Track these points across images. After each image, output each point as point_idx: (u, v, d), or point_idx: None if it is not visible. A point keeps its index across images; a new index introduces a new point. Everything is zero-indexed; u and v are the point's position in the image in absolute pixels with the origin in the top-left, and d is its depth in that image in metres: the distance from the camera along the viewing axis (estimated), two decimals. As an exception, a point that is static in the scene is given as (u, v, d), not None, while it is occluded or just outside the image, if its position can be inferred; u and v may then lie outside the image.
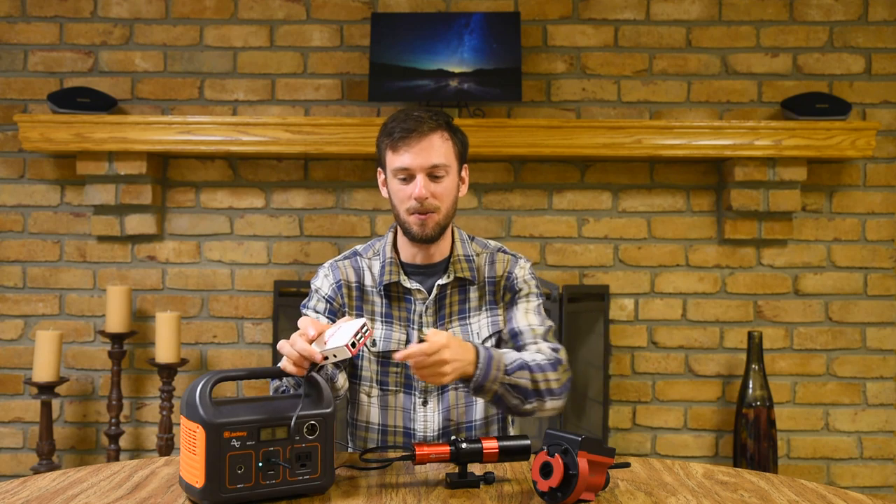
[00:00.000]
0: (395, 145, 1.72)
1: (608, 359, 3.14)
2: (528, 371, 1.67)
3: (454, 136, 1.77)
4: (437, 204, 1.72)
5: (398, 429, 1.79)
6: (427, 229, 1.73)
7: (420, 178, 1.70)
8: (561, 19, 3.21)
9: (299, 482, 1.36)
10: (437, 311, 1.78)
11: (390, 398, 1.78)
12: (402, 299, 1.79)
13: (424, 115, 1.73)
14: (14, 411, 3.18)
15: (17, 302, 3.19)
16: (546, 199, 3.20)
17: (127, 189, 3.10)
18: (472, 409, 1.80)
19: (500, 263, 1.84)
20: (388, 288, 1.79)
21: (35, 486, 1.43)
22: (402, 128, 1.71)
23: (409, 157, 1.70)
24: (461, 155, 1.79)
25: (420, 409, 1.77)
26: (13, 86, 3.20)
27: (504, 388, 1.64)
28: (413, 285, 1.77)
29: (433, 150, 1.71)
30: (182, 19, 3.20)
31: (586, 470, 1.33)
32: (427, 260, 1.80)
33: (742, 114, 3.20)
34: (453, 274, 1.79)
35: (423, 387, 1.77)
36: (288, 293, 3.13)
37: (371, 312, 1.79)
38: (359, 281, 1.81)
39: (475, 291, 1.81)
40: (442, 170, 1.72)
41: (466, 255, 1.81)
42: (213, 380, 1.35)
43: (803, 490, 1.48)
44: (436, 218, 1.73)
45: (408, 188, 1.72)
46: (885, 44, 3.20)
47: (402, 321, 1.78)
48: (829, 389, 3.20)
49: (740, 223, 3.15)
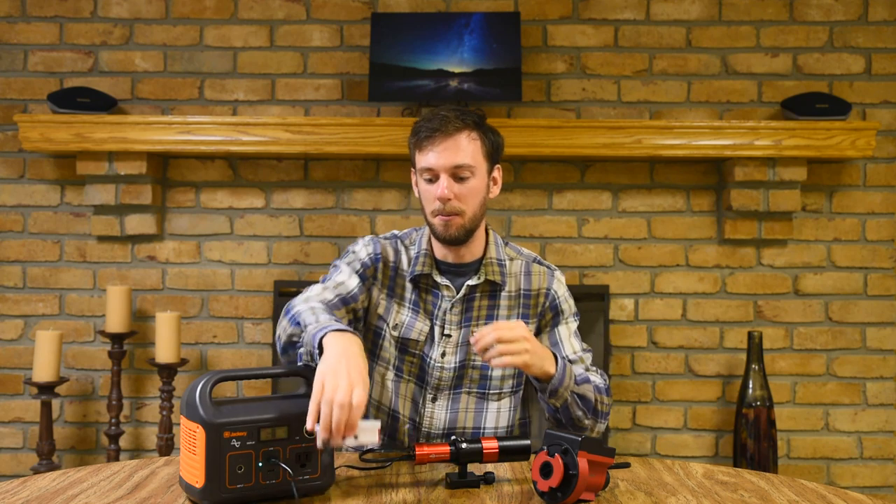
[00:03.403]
0: (420, 144, 1.71)
1: (608, 359, 3.14)
2: (594, 388, 1.69)
3: (484, 135, 1.73)
4: (461, 207, 1.70)
5: (405, 418, 1.78)
6: (451, 230, 1.71)
7: (443, 178, 1.69)
8: (561, 19, 3.21)
9: (299, 482, 1.36)
10: (462, 311, 1.77)
11: (402, 386, 1.78)
12: (429, 292, 1.78)
13: (451, 115, 1.70)
14: (14, 411, 3.18)
15: (17, 302, 3.19)
16: (546, 199, 3.20)
17: (127, 189, 3.10)
18: (481, 416, 1.78)
19: (536, 276, 1.81)
20: (418, 279, 1.78)
21: (35, 486, 1.43)
22: (428, 127, 1.69)
23: (433, 156, 1.69)
24: (491, 155, 1.75)
25: (428, 405, 1.77)
26: (13, 86, 3.20)
27: (573, 396, 1.65)
28: (443, 281, 1.77)
29: (458, 151, 1.68)
30: (182, 19, 3.20)
31: (586, 470, 1.33)
32: (457, 259, 1.78)
33: (742, 114, 3.20)
34: (484, 276, 1.77)
35: (436, 384, 1.77)
36: (288, 293, 3.13)
37: (400, 297, 1.79)
38: (396, 262, 1.80)
39: (506, 299, 1.79)
40: (466, 170, 1.69)
41: (499, 259, 1.80)
42: (213, 380, 1.35)
43: (803, 490, 1.48)
44: (459, 221, 1.70)
45: (433, 188, 1.71)
46: (885, 44, 3.20)
47: (427, 314, 1.78)
48: (829, 389, 3.20)
49: (740, 223, 3.15)
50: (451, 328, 1.76)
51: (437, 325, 1.77)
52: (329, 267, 1.81)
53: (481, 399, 1.78)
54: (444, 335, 1.76)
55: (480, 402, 1.78)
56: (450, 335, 1.76)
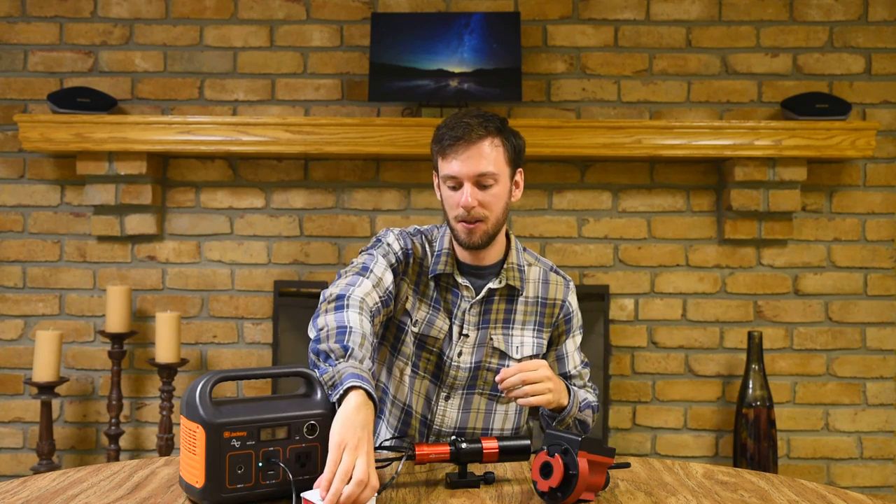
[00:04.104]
0: (444, 152, 1.71)
1: (608, 359, 3.14)
2: (591, 411, 1.83)
3: (506, 141, 1.73)
4: (485, 213, 1.71)
5: (417, 414, 1.80)
6: (475, 237, 1.72)
7: (467, 186, 1.69)
8: (561, 19, 3.21)
9: (299, 482, 1.36)
10: (481, 313, 1.79)
11: (417, 382, 1.80)
12: (449, 291, 1.79)
13: (474, 122, 1.70)
14: (14, 411, 3.18)
15: (17, 302, 3.19)
16: (546, 199, 3.20)
17: (127, 189, 3.10)
18: (490, 417, 1.81)
19: (553, 285, 1.84)
20: (439, 279, 1.80)
21: (35, 486, 1.43)
22: (451, 135, 1.69)
23: (457, 164, 1.69)
24: (513, 160, 1.75)
25: (441, 402, 1.79)
26: (13, 86, 3.20)
27: (574, 421, 1.77)
28: (463, 281, 1.78)
29: (482, 159, 1.69)
30: (182, 19, 3.20)
31: (586, 470, 1.33)
32: (477, 262, 1.80)
33: (742, 114, 3.20)
34: (505, 280, 1.79)
35: (451, 382, 1.78)
36: (288, 293, 3.13)
37: (423, 293, 1.80)
38: (423, 258, 1.81)
39: (523, 304, 1.81)
40: (490, 178, 1.70)
41: (519, 264, 1.82)
42: (213, 380, 1.35)
43: (803, 490, 1.48)
44: (483, 227, 1.72)
45: (456, 196, 1.71)
46: (885, 44, 3.20)
47: (447, 312, 1.79)
48: (829, 389, 3.20)
49: (740, 223, 3.15)
50: (469, 328, 1.78)
51: (455, 324, 1.78)
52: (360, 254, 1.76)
53: (492, 400, 1.81)
54: (462, 335, 1.78)
55: (491, 403, 1.81)
56: (467, 335, 1.78)
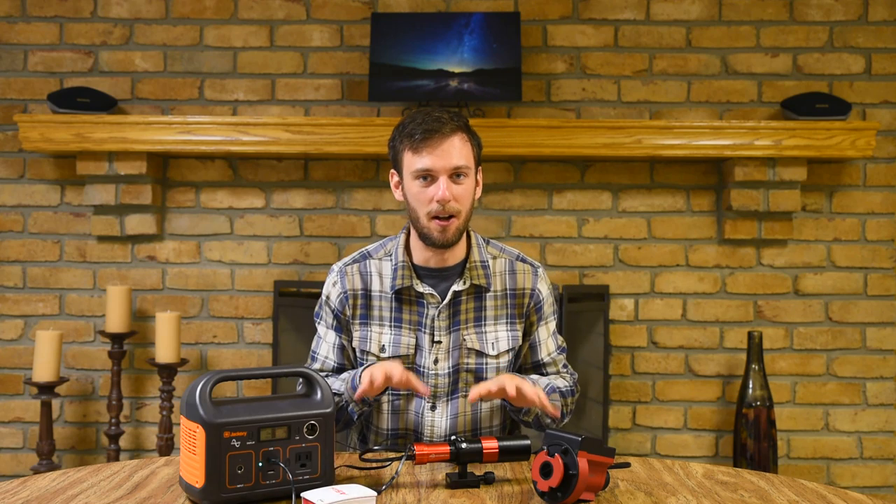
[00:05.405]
0: (416, 146, 1.69)
1: (608, 359, 3.14)
2: (560, 395, 1.79)
3: (472, 138, 1.75)
4: (459, 208, 1.70)
5: (408, 432, 1.79)
6: (448, 234, 1.70)
7: (442, 179, 1.68)
8: (561, 19, 3.21)
9: (299, 482, 1.36)
10: (450, 315, 1.76)
11: (402, 402, 1.78)
12: (413, 303, 1.77)
13: (445, 116, 1.70)
14: (14, 411, 3.18)
15: (17, 302, 3.19)
16: (546, 199, 3.20)
17: (127, 189, 3.10)
18: (476, 416, 1.80)
19: (520, 275, 1.81)
20: (400, 292, 1.76)
21: (35, 486, 1.43)
22: (424, 129, 1.68)
23: (430, 159, 1.68)
24: (478, 157, 1.77)
25: (428, 414, 1.77)
26: (13, 86, 3.20)
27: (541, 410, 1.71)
28: (426, 289, 1.75)
29: (455, 152, 1.69)
30: (182, 19, 3.20)
31: (586, 470, 1.33)
32: (441, 264, 1.77)
33: (742, 114, 3.20)
34: (469, 280, 1.76)
35: (433, 391, 1.76)
36: (288, 293, 3.13)
37: (378, 318, 1.77)
38: (365, 288, 1.78)
39: (492, 300, 1.79)
40: (463, 171, 1.70)
41: (483, 260, 1.79)
42: (213, 380, 1.35)
43: (803, 490, 1.48)
44: (456, 223, 1.70)
45: (429, 190, 1.69)
46: (885, 44, 3.20)
47: (413, 325, 1.77)
48: (829, 389, 3.20)
49: (740, 223, 3.15)
50: (441, 334, 1.76)
51: (425, 333, 1.76)
52: (314, 317, 1.86)
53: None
54: (435, 342, 1.76)
55: (474, 404, 1.78)
56: (440, 341, 1.76)
